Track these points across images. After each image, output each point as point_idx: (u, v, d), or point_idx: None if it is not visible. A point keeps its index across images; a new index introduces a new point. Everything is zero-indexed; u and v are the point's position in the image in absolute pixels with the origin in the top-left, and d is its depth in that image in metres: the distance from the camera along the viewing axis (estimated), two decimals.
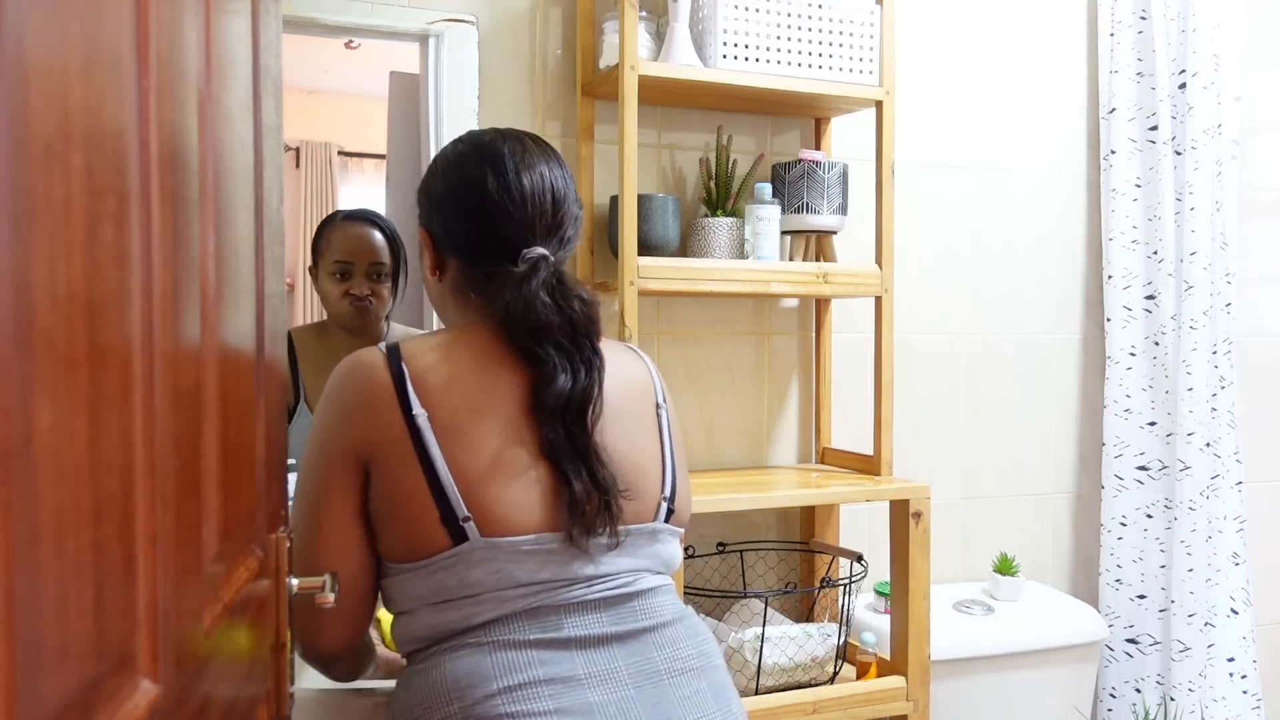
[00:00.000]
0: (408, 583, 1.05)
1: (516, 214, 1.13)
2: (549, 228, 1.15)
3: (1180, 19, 2.27)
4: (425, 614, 1.05)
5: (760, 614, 1.79)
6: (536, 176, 1.15)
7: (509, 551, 1.03)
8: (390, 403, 1.04)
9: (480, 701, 0.99)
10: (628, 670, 1.04)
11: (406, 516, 1.03)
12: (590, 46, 1.87)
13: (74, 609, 0.45)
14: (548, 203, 1.15)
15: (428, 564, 1.03)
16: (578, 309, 1.10)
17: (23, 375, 0.40)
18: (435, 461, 1.02)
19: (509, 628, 1.03)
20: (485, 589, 1.03)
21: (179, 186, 0.62)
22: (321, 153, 1.90)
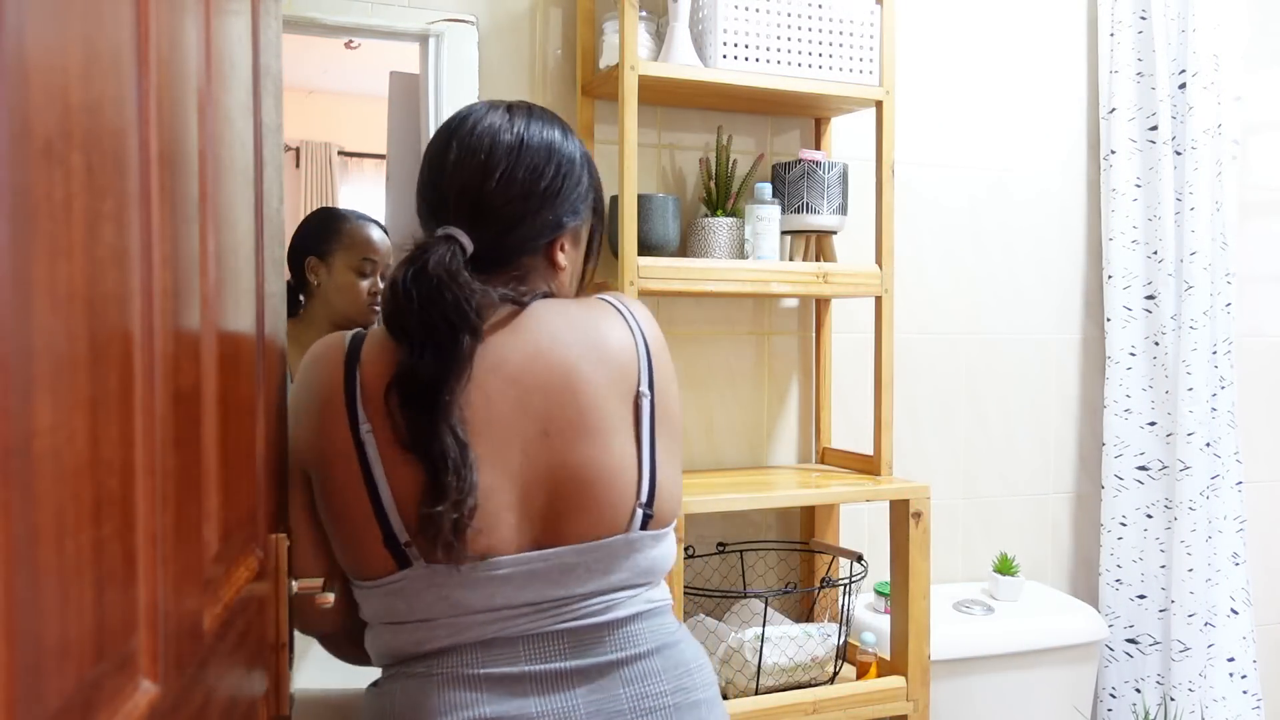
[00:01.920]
0: (365, 598, 1.00)
1: (431, 192, 1.04)
2: (441, 207, 1.03)
3: (1180, 19, 2.26)
4: (383, 632, 1.00)
5: (760, 614, 1.79)
6: (477, 142, 1.03)
7: (458, 579, 0.95)
8: (340, 410, 0.97)
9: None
10: (586, 712, 0.95)
11: (353, 534, 0.98)
12: (590, 46, 1.87)
13: (74, 609, 0.45)
14: (475, 175, 1.02)
15: (376, 585, 0.98)
16: (438, 286, 0.95)
17: (23, 375, 0.40)
18: (376, 480, 0.95)
19: (460, 658, 0.96)
20: (437, 615, 0.96)
21: (179, 186, 0.62)
22: (321, 153, 1.90)
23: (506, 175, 1.03)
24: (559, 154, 1.07)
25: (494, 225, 1.02)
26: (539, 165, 1.05)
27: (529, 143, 1.05)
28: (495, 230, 1.02)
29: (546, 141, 1.07)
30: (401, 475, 0.95)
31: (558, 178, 1.06)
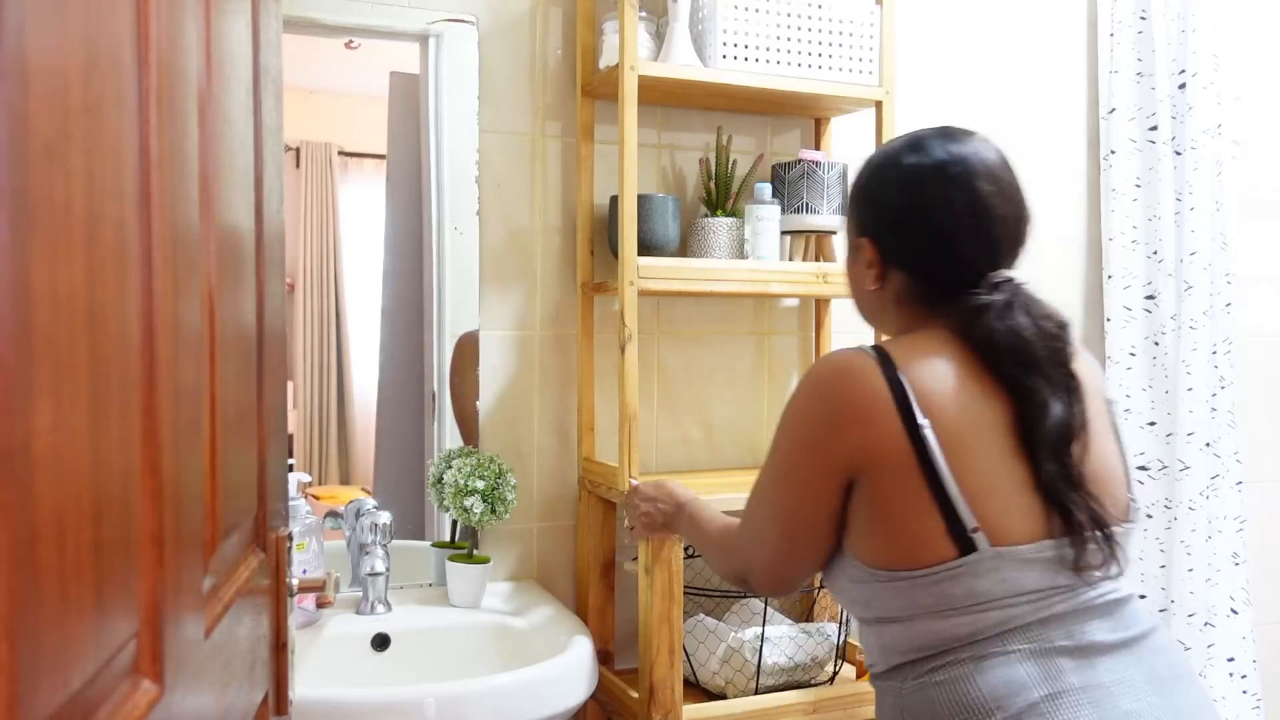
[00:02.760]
0: (904, 591, 1.03)
1: (985, 239, 1.10)
2: (1013, 247, 1.13)
3: (1180, 19, 2.26)
4: (925, 622, 1.03)
5: (760, 614, 1.79)
6: (1005, 196, 1.12)
7: (1019, 560, 1.01)
8: (890, 413, 1.02)
9: (1025, 711, 0.98)
10: (1141, 677, 1.02)
11: (905, 527, 1.02)
12: (590, 46, 1.87)
13: (74, 609, 0.45)
14: (1012, 223, 1.12)
15: (930, 574, 1.01)
16: (1056, 333, 1.07)
17: (23, 375, 0.40)
18: (941, 473, 1.01)
19: (1028, 636, 1.01)
20: (991, 598, 1.01)
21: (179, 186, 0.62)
22: (321, 153, 1.90)
23: (1026, 206, 1.15)
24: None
25: (1016, 257, 1.14)
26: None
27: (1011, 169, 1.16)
28: (1013, 261, 1.14)
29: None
30: (963, 465, 1.02)
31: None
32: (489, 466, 1.70)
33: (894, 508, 1.03)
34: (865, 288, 1.18)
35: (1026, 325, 1.06)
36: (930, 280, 1.13)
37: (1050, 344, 1.07)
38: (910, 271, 1.14)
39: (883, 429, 1.02)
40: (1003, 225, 1.11)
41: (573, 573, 1.92)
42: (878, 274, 1.16)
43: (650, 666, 1.59)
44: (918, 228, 1.12)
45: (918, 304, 1.14)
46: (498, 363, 1.87)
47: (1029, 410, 1.05)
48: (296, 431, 1.87)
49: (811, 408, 1.08)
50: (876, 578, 1.05)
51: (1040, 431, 1.04)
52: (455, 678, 1.42)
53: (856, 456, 1.04)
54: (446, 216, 1.84)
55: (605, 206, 1.91)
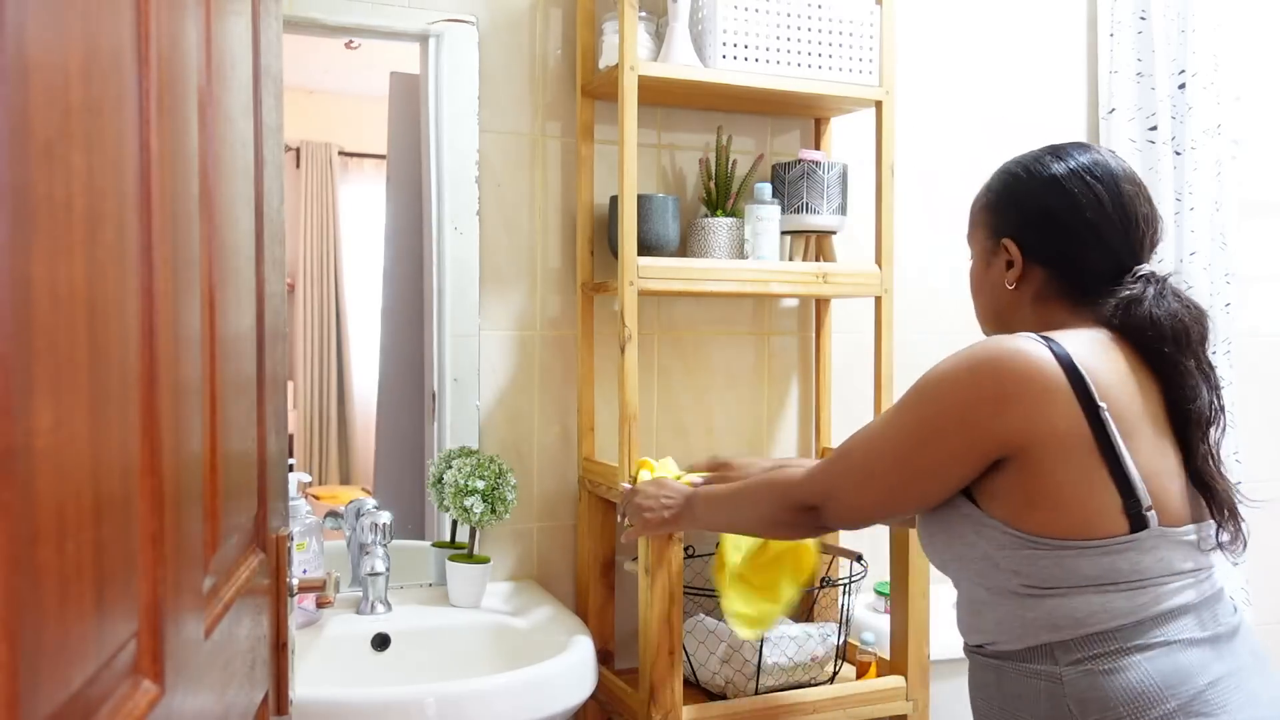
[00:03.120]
0: (1069, 561, 1.07)
1: (1130, 234, 1.18)
2: (1151, 245, 1.21)
3: (1180, 19, 2.26)
4: (1085, 596, 1.07)
5: None
6: (1144, 198, 1.21)
7: (1173, 540, 1.08)
8: (1067, 396, 1.07)
9: (1195, 698, 1.04)
10: (1250, 659, 1.11)
11: (1078, 501, 1.07)
12: (590, 46, 1.87)
13: (74, 609, 0.45)
14: (1151, 222, 1.20)
15: (1100, 546, 1.07)
16: (1202, 320, 1.15)
17: (23, 375, 0.40)
18: (1121, 453, 1.06)
19: (1181, 624, 1.08)
20: (1150, 575, 1.07)
21: (179, 186, 0.62)
22: (321, 153, 1.90)
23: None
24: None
25: (1153, 255, 1.23)
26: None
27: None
28: (1150, 258, 1.22)
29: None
30: (1136, 446, 1.08)
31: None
32: (489, 466, 1.70)
33: (1065, 482, 1.07)
34: (1003, 288, 1.24)
35: (1181, 311, 1.14)
36: (1076, 275, 1.19)
37: (1201, 330, 1.15)
38: (1055, 268, 1.20)
39: (1057, 410, 1.06)
40: (1145, 223, 1.19)
41: (573, 573, 1.92)
42: (1018, 273, 1.22)
43: (650, 666, 1.59)
44: (1069, 224, 1.19)
45: (1058, 300, 1.20)
46: (498, 363, 1.87)
47: (1182, 394, 1.12)
48: (296, 431, 1.87)
49: (974, 381, 1.10)
50: (1038, 545, 1.08)
51: (1193, 414, 1.12)
52: (455, 678, 1.42)
53: (1021, 433, 1.07)
54: (446, 216, 1.84)
55: (605, 206, 1.90)
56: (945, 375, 1.12)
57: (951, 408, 1.10)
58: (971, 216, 1.31)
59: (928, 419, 1.12)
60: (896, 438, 1.15)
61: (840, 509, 1.22)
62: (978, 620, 1.16)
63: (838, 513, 1.23)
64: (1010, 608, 1.11)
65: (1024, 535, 1.08)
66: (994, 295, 1.26)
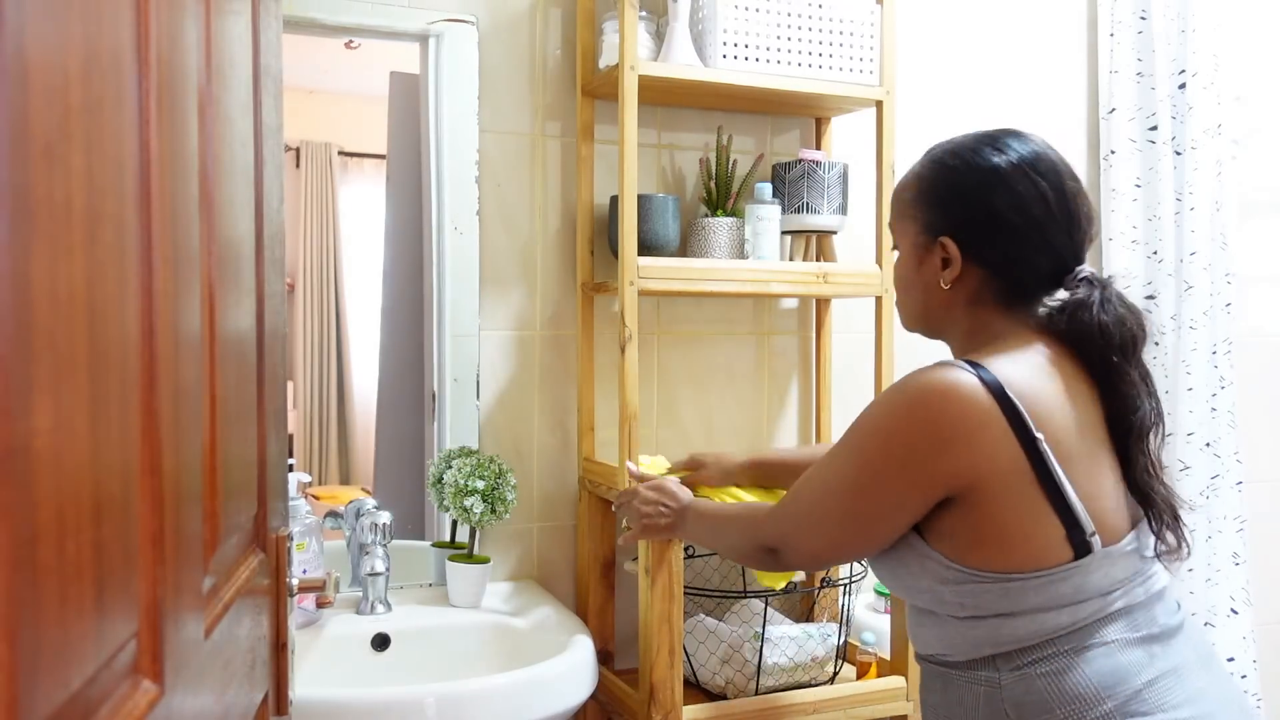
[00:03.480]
0: (1013, 592, 1.05)
1: (1074, 233, 1.13)
2: (1089, 243, 1.16)
3: (1180, 19, 2.26)
4: (1029, 616, 1.06)
5: (760, 614, 1.79)
6: (1084, 195, 1.16)
7: (1115, 556, 1.07)
8: (1003, 430, 1.03)
9: (1132, 698, 1.03)
10: (1194, 657, 1.09)
11: (1022, 535, 1.05)
12: (590, 46, 1.87)
13: (74, 609, 0.45)
14: (1091, 220, 1.16)
15: (1045, 575, 1.05)
16: (1143, 325, 1.12)
17: (23, 375, 0.40)
18: (1061, 483, 1.04)
19: (1120, 625, 1.06)
20: (1093, 592, 1.06)
21: (179, 186, 0.62)
22: (321, 153, 1.90)
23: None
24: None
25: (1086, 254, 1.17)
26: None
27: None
28: (1084, 258, 1.17)
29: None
30: (1076, 471, 1.05)
31: None
32: (489, 466, 1.70)
33: (1009, 518, 1.04)
34: (937, 288, 1.17)
35: (1127, 317, 1.11)
36: (1016, 276, 1.13)
37: (1144, 335, 1.12)
38: (994, 268, 1.14)
39: (995, 448, 1.03)
40: (1088, 221, 1.15)
41: (573, 573, 1.92)
42: (955, 273, 1.15)
43: (650, 666, 1.59)
44: (1013, 223, 1.12)
45: (994, 303, 1.14)
46: (498, 363, 1.87)
47: (1124, 404, 1.10)
48: (296, 431, 1.87)
49: (911, 424, 1.06)
50: (980, 579, 1.06)
51: (1133, 423, 1.09)
52: (455, 678, 1.42)
53: (964, 474, 1.04)
54: (446, 216, 1.84)
55: (605, 206, 1.90)
56: (882, 419, 1.09)
57: (892, 453, 1.07)
58: (898, 206, 1.23)
59: (869, 465, 1.09)
60: (841, 485, 1.12)
61: (796, 553, 1.20)
62: (924, 634, 1.16)
63: (795, 556, 1.21)
64: (955, 628, 1.10)
65: (968, 570, 1.06)
66: (925, 295, 1.19)
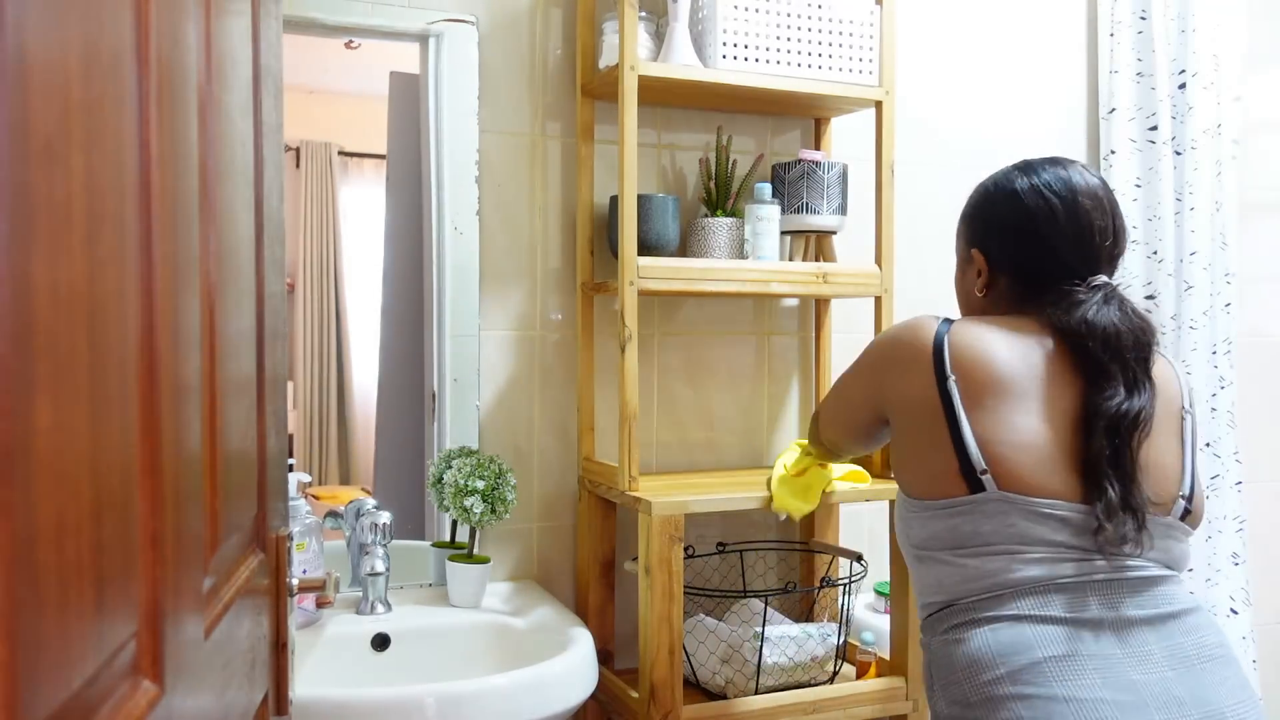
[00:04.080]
0: (925, 521, 1.19)
1: (1084, 246, 1.25)
2: (1110, 258, 1.28)
3: (1180, 19, 2.26)
4: (945, 560, 1.17)
5: (760, 614, 1.79)
6: (1103, 212, 1.27)
7: (1022, 509, 1.12)
8: (926, 366, 1.20)
9: (1027, 668, 1.07)
10: (1162, 653, 1.09)
11: (927, 462, 1.19)
12: (590, 46, 1.87)
13: (74, 609, 0.45)
14: (1109, 235, 1.27)
15: (945, 506, 1.17)
16: (1142, 333, 1.20)
17: (23, 375, 0.40)
18: (959, 419, 1.16)
19: (1039, 602, 1.10)
20: (997, 540, 1.13)
21: (179, 186, 0.62)
22: (321, 153, 1.90)
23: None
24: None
25: (1114, 268, 1.30)
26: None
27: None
28: (1111, 271, 1.29)
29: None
30: (985, 420, 1.16)
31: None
32: (489, 466, 1.70)
33: (920, 444, 1.20)
34: (973, 295, 1.34)
35: (1120, 319, 1.19)
36: (1031, 281, 1.27)
37: (1136, 340, 1.19)
38: (1014, 275, 1.29)
39: (914, 379, 1.21)
40: (1100, 235, 1.25)
41: (573, 573, 1.92)
42: (985, 281, 1.32)
43: (650, 666, 1.59)
44: (1022, 232, 1.27)
45: (1015, 303, 1.28)
46: (498, 363, 1.87)
47: (1098, 391, 1.16)
48: (296, 431, 1.87)
49: (874, 351, 1.32)
50: (910, 506, 1.23)
51: (1102, 409, 1.14)
52: (455, 678, 1.42)
53: (891, 398, 1.26)
54: (446, 216, 1.84)
55: (605, 206, 1.90)
56: (870, 344, 1.35)
57: (860, 369, 1.34)
58: (957, 226, 1.41)
59: (851, 374, 1.37)
60: (836, 387, 1.43)
61: (824, 441, 1.51)
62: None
63: (824, 444, 1.51)
64: (914, 570, 1.25)
65: (906, 497, 1.24)
66: (967, 300, 1.38)
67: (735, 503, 1.70)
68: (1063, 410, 1.17)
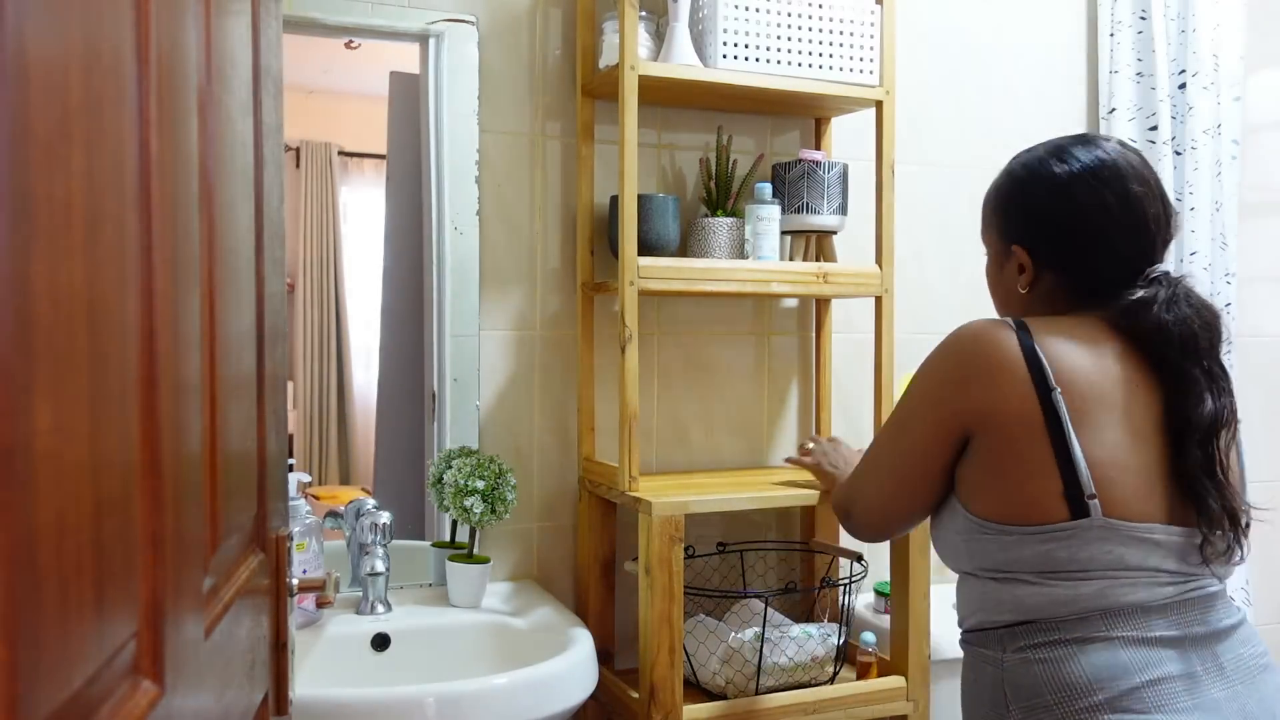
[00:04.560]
0: (1009, 545, 1.08)
1: (1141, 236, 1.16)
2: (1164, 243, 1.18)
3: (1180, 19, 2.26)
4: (1029, 581, 1.08)
5: (760, 614, 1.79)
6: (1154, 196, 1.17)
7: (1125, 535, 1.06)
8: (1023, 377, 1.08)
9: (1126, 694, 1.03)
10: (1230, 666, 1.07)
11: (1022, 484, 1.08)
12: (590, 46, 1.87)
13: (74, 609, 0.45)
14: (1162, 220, 1.17)
15: (1038, 531, 1.07)
16: (1214, 325, 1.13)
17: (23, 375, 0.40)
18: (1069, 438, 1.06)
19: (1132, 622, 1.06)
20: (1094, 567, 1.06)
21: (179, 186, 0.62)
22: (321, 153, 1.90)
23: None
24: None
25: (1167, 251, 1.20)
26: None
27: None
28: (1164, 256, 1.19)
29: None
30: (1089, 436, 1.07)
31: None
32: (489, 466, 1.70)
33: (1012, 464, 1.08)
34: (1014, 292, 1.24)
35: (1193, 316, 1.11)
36: (1086, 279, 1.18)
37: (1211, 336, 1.12)
38: (1066, 273, 1.19)
39: (1012, 389, 1.08)
40: (1155, 223, 1.17)
41: (573, 573, 1.92)
42: (1030, 278, 1.21)
43: (650, 666, 1.59)
44: (1076, 230, 1.17)
45: (1066, 302, 1.19)
46: (498, 363, 1.87)
47: (1184, 399, 1.10)
48: (296, 431, 1.87)
49: (942, 364, 1.16)
50: (984, 529, 1.10)
51: (1193, 419, 1.09)
52: (455, 678, 1.42)
53: (980, 411, 1.10)
54: (446, 216, 1.84)
55: (605, 206, 1.90)
56: (924, 364, 1.19)
57: (926, 390, 1.17)
58: (983, 214, 1.30)
59: (910, 406, 1.19)
60: (889, 431, 1.22)
61: (864, 518, 1.27)
62: (959, 599, 1.21)
63: (864, 522, 1.27)
64: (973, 586, 1.16)
65: (976, 519, 1.11)
66: (1007, 297, 1.26)
67: (735, 503, 1.70)
68: (1148, 421, 1.10)
